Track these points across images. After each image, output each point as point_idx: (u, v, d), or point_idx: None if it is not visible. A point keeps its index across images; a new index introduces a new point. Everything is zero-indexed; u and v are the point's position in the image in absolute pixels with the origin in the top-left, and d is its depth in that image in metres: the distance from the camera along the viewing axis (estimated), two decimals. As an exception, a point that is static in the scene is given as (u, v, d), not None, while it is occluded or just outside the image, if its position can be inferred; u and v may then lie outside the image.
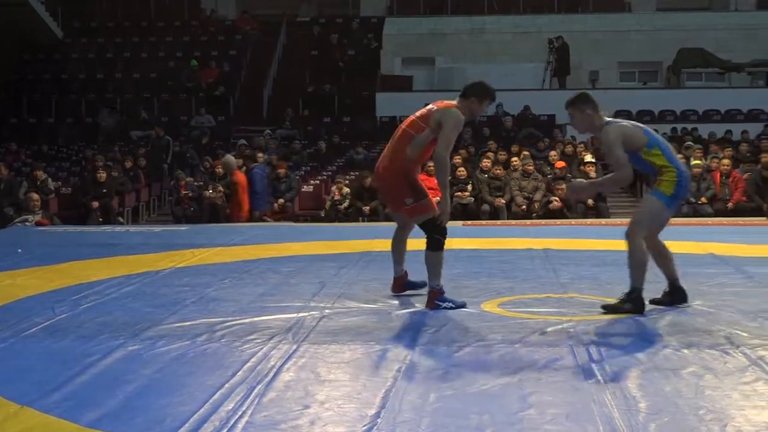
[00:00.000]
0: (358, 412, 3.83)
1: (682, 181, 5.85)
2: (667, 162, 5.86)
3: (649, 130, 6.04)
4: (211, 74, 24.04)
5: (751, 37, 25.40)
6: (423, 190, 6.26)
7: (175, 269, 8.19)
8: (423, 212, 6.21)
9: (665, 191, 5.82)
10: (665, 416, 3.71)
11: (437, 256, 6.17)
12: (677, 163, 5.90)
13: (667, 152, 5.92)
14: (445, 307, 6.06)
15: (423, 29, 26.51)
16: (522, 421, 3.69)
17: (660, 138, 6.05)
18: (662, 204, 5.85)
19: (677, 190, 5.83)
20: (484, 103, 6.30)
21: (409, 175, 6.24)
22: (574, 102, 6.09)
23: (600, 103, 6.05)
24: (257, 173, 15.39)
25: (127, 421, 3.74)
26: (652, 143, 5.90)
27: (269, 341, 5.11)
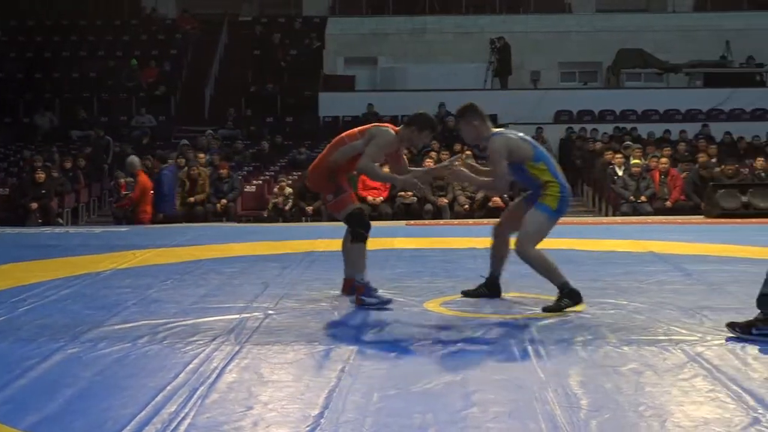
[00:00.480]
0: (301, 412, 3.82)
1: (565, 196, 6.00)
2: (552, 177, 5.98)
3: (536, 144, 6.17)
4: (152, 74, 23.81)
5: (688, 38, 25.78)
6: (342, 187, 6.35)
7: (115, 271, 8.11)
8: (342, 207, 6.31)
9: (550, 205, 5.95)
10: (606, 413, 3.75)
11: (360, 248, 6.23)
12: (561, 179, 6.02)
13: (552, 167, 6.04)
14: (370, 303, 6.08)
15: (365, 29, 26.52)
16: (465, 419, 3.71)
17: (546, 153, 6.19)
18: (546, 217, 5.97)
19: (560, 205, 5.98)
20: (423, 133, 6.35)
21: (330, 174, 6.34)
22: (463, 114, 6.18)
23: (483, 113, 6.18)
24: (166, 175, 15.25)
25: (67, 425, 3.69)
26: (537, 157, 6.01)
27: (212, 342, 5.07)
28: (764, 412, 3.74)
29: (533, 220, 5.97)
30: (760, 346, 4.88)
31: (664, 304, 6.15)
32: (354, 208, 6.32)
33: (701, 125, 21.20)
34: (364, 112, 22.51)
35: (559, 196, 5.95)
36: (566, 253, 8.95)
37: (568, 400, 3.92)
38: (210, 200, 15.68)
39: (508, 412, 3.78)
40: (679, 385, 4.18)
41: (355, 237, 6.27)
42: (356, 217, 6.29)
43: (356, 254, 6.27)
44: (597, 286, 6.95)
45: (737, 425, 3.58)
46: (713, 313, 5.81)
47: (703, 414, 3.74)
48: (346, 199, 6.34)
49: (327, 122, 22.83)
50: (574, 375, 4.32)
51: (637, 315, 5.80)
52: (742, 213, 13.81)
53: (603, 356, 4.71)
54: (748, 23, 26.06)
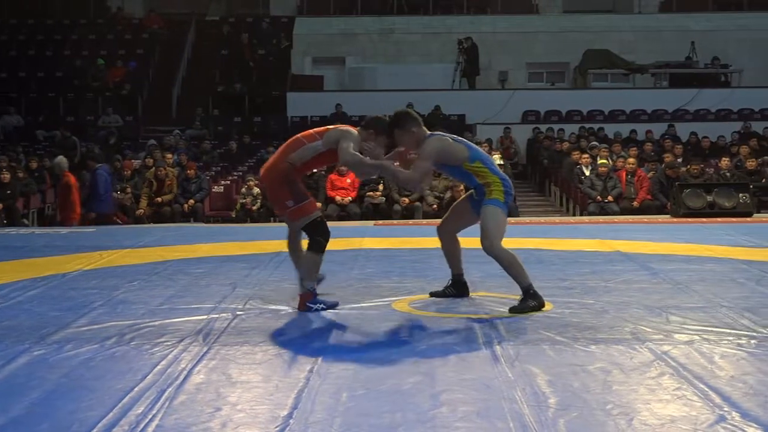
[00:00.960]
0: (270, 413, 3.81)
1: (508, 189, 6.11)
2: (491, 174, 6.07)
3: (471, 145, 6.24)
4: (118, 73, 23.66)
5: (654, 39, 25.98)
6: (303, 193, 6.20)
7: (82, 272, 8.05)
8: (303, 215, 6.15)
9: (498, 198, 6.04)
10: (574, 411, 3.77)
11: (317, 259, 6.13)
12: (500, 174, 6.13)
13: (489, 165, 6.13)
14: (317, 308, 6.03)
15: (333, 29, 26.50)
16: (434, 419, 3.71)
17: (482, 152, 6.28)
18: (501, 210, 6.06)
19: (506, 197, 6.09)
20: (380, 138, 6.21)
21: (288, 177, 6.14)
22: (398, 123, 6.14)
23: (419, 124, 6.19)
24: (101, 175, 15.15)
25: (32, 428, 3.66)
26: (473, 157, 6.08)
27: (179, 344, 5.05)
28: (730, 409, 3.77)
29: (491, 216, 6.01)
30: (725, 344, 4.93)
31: (631, 303, 6.20)
32: (316, 216, 6.16)
33: (667, 125, 21.37)
34: (332, 112, 22.50)
35: (503, 190, 6.06)
36: (534, 252, 9.00)
37: (536, 399, 3.94)
38: (177, 201, 15.61)
39: (477, 411, 3.79)
40: (646, 383, 4.21)
41: (315, 247, 6.12)
42: (318, 226, 6.15)
43: (312, 263, 6.13)
44: (564, 285, 6.99)
45: (703, 423, 3.61)
46: (679, 311, 5.86)
47: (670, 412, 3.77)
48: (308, 207, 6.16)
49: (295, 122, 22.79)
50: (542, 374, 4.34)
51: (604, 314, 5.83)
52: (707, 212, 13.93)
53: (571, 355, 4.73)
54: (713, 24, 26.31)
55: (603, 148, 17.13)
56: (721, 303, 6.14)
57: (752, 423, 3.59)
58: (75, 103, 22.93)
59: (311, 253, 6.13)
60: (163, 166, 15.99)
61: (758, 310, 5.87)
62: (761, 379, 4.25)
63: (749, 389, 4.07)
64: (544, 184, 19.73)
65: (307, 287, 6.13)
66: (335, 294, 6.52)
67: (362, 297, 6.55)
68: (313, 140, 6.16)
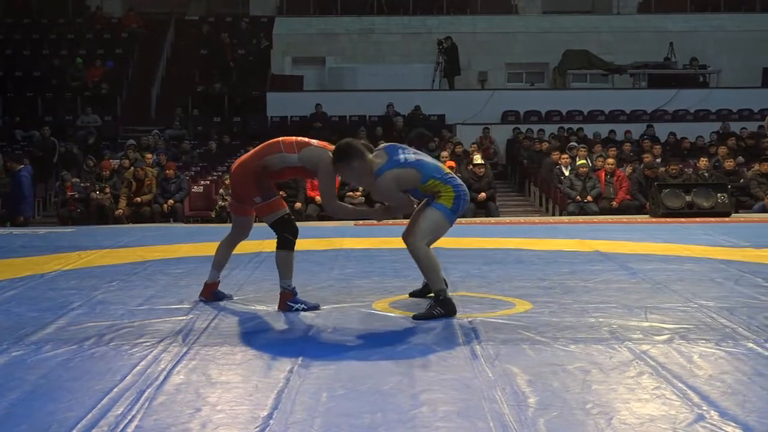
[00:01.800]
0: (250, 413, 3.81)
1: (461, 194, 5.85)
2: (444, 185, 5.82)
3: (423, 164, 5.85)
4: (97, 73, 23.56)
5: (632, 39, 26.12)
6: (271, 190, 6.18)
7: (60, 272, 8.01)
8: (271, 211, 6.13)
9: (445, 204, 5.82)
10: (554, 411, 3.78)
11: (288, 255, 6.10)
12: (453, 182, 5.87)
13: (442, 177, 5.84)
14: (297, 308, 6.02)
15: (313, 29, 26.49)
16: (414, 419, 3.72)
17: (434, 167, 5.90)
18: (441, 215, 5.83)
19: (456, 203, 5.83)
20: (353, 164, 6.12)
21: (258, 176, 6.10)
22: (340, 158, 5.79)
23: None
24: (24, 176, 15.06)
25: (11, 429, 3.63)
26: (425, 178, 5.80)
27: (159, 344, 5.03)
28: (708, 408, 3.79)
29: (428, 218, 5.85)
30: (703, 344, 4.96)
31: (610, 302, 6.22)
32: (283, 213, 6.13)
33: (646, 126, 21.49)
34: (312, 112, 22.51)
35: (453, 195, 5.82)
36: (514, 252, 9.02)
37: (516, 398, 3.95)
38: (157, 201, 15.56)
39: (457, 411, 3.80)
40: (625, 382, 4.22)
41: (283, 244, 6.09)
42: (285, 223, 6.12)
43: (284, 261, 6.10)
44: (544, 285, 7.01)
45: (682, 422, 3.63)
46: (658, 311, 5.88)
47: (649, 411, 3.78)
48: (275, 204, 6.14)
49: (275, 122, 22.78)
50: (522, 374, 4.35)
51: (584, 314, 5.85)
52: (686, 212, 14.00)
53: (550, 355, 4.74)
54: (691, 25, 26.47)
55: (582, 149, 17.19)
56: (699, 302, 6.17)
57: (730, 422, 3.62)
58: (53, 102, 22.83)
59: (280, 250, 6.10)
60: (142, 166, 15.93)
61: (736, 309, 5.91)
62: (739, 378, 4.27)
63: (727, 388, 4.10)
64: (524, 184, 19.78)
65: (285, 286, 6.11)
66: (315, 294, 6.51)
67: (342, 297, 6.54)
68: (291, 151, 5.98)
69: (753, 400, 3.92)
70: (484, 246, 9.57)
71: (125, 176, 15.75)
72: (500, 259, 8.51)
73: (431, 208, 5.85)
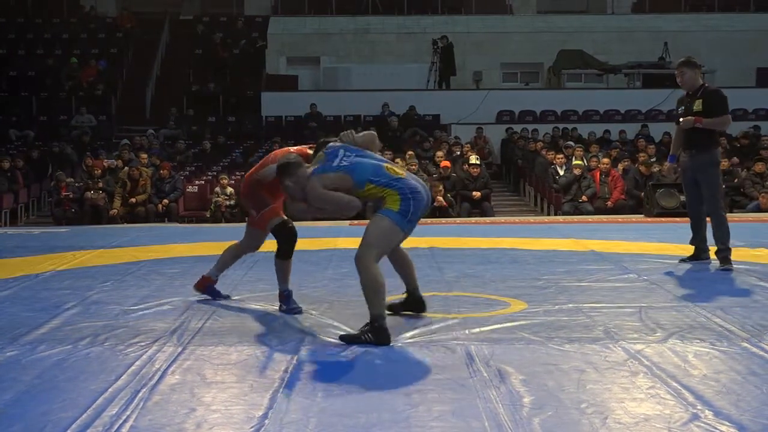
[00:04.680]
0: (245, 413, 3.80)
1: (407, 195, 5.19)
2: (384, 189, 5.22)
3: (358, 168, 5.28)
4: (92, 73, 23.53)
5: (627, 39, 26.15)
6: (264, 202, 6.18)
7: (55, 272, 8.00)
8: (265, 223, 6.19)
9: (392, 208, 5.19)
10: (548, 411, 3.78)
11: (281, 263, 6.16)
12: (397, 184, 5.23)
13: (381, 182, 5.23)
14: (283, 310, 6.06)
15: (308, 29, 26.49)
16: (409, 419, 3.72)
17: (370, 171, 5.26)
18: (389, 221, 5.20)
19: (404, 206, 5.17)
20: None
21: (253, 189, 6.18)
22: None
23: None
24: None
25: (5, 429, 3.63)
26: (361, 183, 5.24)
27: (154, 344, 5.03)
28: (703, 408, 3.80)
29: (373, 226, 5.26)
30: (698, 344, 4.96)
31: (605, 302, 6.22)
32: (277, 221, 6.15)
33: (640, 125, 21.49)
34: (307, 112, 22.49)
35: (399, 197, 5.18)
36: (508, 252, 9.03)
37: (510, 398, 3.95)
38: (151, 201, 15.55)
39: (452, 411, 3.80)
40: (620, 382, 4.23)
41: (280, 253, 6.15)
42: (279, 232, 6.16)
43: (282, 268, 6.16)
44: (539, 284, 7.01)
45: (677, 421, 3.63)
46: (653, 311, 5.89)
47: (644, 410, 3.79)
48: (267, 215, 6.17)
49: (270, 122, 22.77)
50: (517, 373, 4.35)
51: (578, 313, 5.85)
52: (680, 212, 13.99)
53: (545, 354, 4.74)
54: (685, 25, 26.50)
55: (577, 148, 17.20)
56: (694, 302, 6.18)
57: (725, 421, 3.62)
58: (48, 102, 22.79)
59: (277, 259, 6.16)
60: (137, 165, 15.92)
61: (731, 309, 5.92)
62: (733, 377, 4.28)
63: (722, 388, 4.10)
64: (519, 184, 19.79)
65: (282, 289, 6.14)
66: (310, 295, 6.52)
67: (337, 297, 6.54)
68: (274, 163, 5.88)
69: (747, 399, 3.93)
70: (479, 246, 9.57)
71: (120, 176, 15.74)
72: (495, 259, 8.51)
73: (377, 215, 5.26)
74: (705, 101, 7.85)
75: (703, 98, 7.87)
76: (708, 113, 7.80)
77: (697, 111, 7.83)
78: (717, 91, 8.03)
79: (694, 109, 7.85)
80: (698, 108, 7.83)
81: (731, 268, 7.63)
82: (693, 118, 7.81)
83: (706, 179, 7.84)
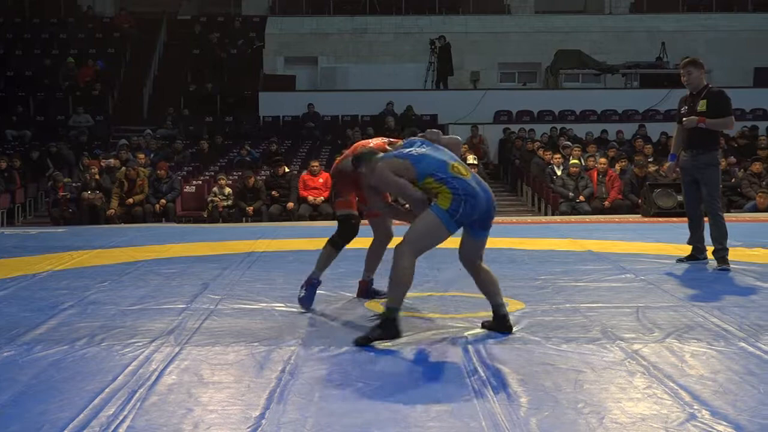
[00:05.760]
0: (242, 413, 3.80)
1: (460, 196, 5.03)
2: (440, 184, 5.09)
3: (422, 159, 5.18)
4: (89, 72, 23.52)
5: (624, 39, 26.17)
6: (341, 191, 6.33)
7: (52, 272, 7.99)
8: (337, 209, 6.41)
9: (442, 205, 5.03)
10: (546, 411, 3.79)
11: (331, 252, 6.29)
12: (453, 183, 5.06)
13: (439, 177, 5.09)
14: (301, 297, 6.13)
15: (305, 29, 26.49)
16: (407, 418, 3.72)
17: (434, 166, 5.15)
18: (438, 219, 5.03)
19: (454, 206, 5.01)
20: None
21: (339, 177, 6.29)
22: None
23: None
24: None
25: (2, 429, 3.63)
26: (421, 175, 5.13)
27: (151, 344, 5.03)
28: (700, 408, 3.80)
29: (420, 220, 5.13)
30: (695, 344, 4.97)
31: (602, 302, 6.23)
32: (344, 213, 6.31)
33: (638, 125, 21.50)
34: (304, 111, 22.50)
35: (451, 196, 5.02)
36: (506, 252, 9.02)
37: (508, 398, 3.95)
38: (149, 201, 15.54)
39: (449, 410, 3.80)
40: (617, 382, 4.23)
41: (331, 241, 6.31)
42: (341, 225, 6.32)
43: (324, 253, 6.31)
44: (536, 284, 7.01)
45: (674, 421, 3.64)
46: (650, 310, 5.89)
47: (641, 410, 3.79)
48: (340, 204, 6.35)
49: (267, 122, 22.77)
50: (514, 373, 4.35)
51: (576, 313, 5.85)
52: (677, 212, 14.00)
53: (542, 354, 4.75)
54: (682, 25, 26.51)
55: (575, 148, 17.21)
56: (691, 302, 6.19)
57: (722, 421, 3.62)
58: (45, 102, 22.78)
59: (328, 244, 6.32)
60: (134, 165, 15.91)
61: (728, 308, 5.92)
62: (730, 377, 4.28)
63: (719, 387, 4.11)
64: (516, 184, 19.80)
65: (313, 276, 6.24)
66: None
67: (335, 296, 6.55)
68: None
69: (744, 399, 3.93)
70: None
71: (117, 176, 15.73)
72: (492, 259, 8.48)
73: (427, 211, 5.10)
74: (709, 102, 7.87)
75: (707, 99, 7.89)
76: (712, 114, 7.82)
77: (701, 111, 7.85)
78: (721, 92, 8.04)
79: (698, 110, 7.87)
80: (702, 108, 7.86)
81: (728, 268, 7.64)
82: (696, 117, 7.83)
83: (706, 179, 7.86)
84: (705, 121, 7.81)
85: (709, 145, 7.91)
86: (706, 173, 7.87)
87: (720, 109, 7.87)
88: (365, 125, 21.39)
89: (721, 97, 7.95)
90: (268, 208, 15.34)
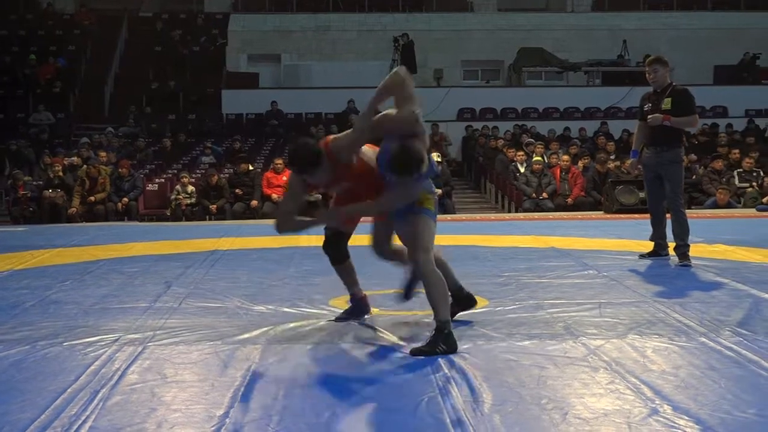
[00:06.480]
0: (206, 412, 3.78)
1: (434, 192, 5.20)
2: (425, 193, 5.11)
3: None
4: (50, 70, 23.29)
5: (586, 37, 26.34)
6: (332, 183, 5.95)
7: (13, 271, 7.92)
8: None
9: (429, 207, 5.09)
10: (509, 407, 3.80)
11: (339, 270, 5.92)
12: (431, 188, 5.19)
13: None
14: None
15: (268, 26, 26.41)
16: (371, 416, 3.72)
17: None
18: (432, 220, 5.12)
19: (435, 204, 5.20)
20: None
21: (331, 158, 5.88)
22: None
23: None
24: None
25: (-38, 431, 3.59)
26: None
27: (113, 344, 4.99)
28: (661, 402, 3.83)
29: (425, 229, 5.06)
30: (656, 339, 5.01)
31: (565, 298, 6.26)
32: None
33: (600, 123, 21.65)
34: (268, 109, 22.43)
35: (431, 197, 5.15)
36: (470, 249, 9.05)
37: (472, 394, 3.96)
38: (111, 199, 15.43)
39: (413, 406, 3.80)
40: (580, 378, 4.25)
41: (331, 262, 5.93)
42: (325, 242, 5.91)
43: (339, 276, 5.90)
44: (500, 281, 7.04)
45: (636, 416, 3.66)
46: (612, 306, 5.93)
47: (604, 406, 3.81)
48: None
49: (230, 120, 22.69)
50: (478, 370, 4.37)
51: (539, 309, 5.88)
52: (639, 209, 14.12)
53: (506, 351, 4.76)
54: (644, 23, 26.73)
55: (539, 145, 17.30)
56: (653, 298, 6.23)
57: (683, 415, 3.65)
58: (5, 100, 22.53)
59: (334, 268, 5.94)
60: (95, 164, 15.79)
61: (689, 304, 5.97)
62: (692, 372, 4.32)
63: (680, 382, 4.14)
64: (480, 182, 19.86)
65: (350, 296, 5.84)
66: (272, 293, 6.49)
67: (299, 295, 6.54)
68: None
69: (705, 393, 3.97)
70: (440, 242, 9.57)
71: (78, 174, 15.60)
72: (456, 256, 8.52)
73: (421, 217, 5.04)
74: (674, 100, 7.94)
75: (672, 97, 7.97)
76: (677, 112, 7.90)
77: (666, 109, 7.92)
78: (686, 90, 8.12)
79: (663, 108, 7.94)
80: (667, 106, 7.93)
81: (690, 264, 7.72)
82: (662, 115, 7.90)
83: (670, 176, 7.93)
84: (670, 119, 7.89)
85: (673, 142, 7.99)
86: (670, 170, 7.94)
87: (685, 107, 7.95)
88: (329, 123, 21.36)
89: (686, 95, 8.03)
90: (231, 206, 15.28)
